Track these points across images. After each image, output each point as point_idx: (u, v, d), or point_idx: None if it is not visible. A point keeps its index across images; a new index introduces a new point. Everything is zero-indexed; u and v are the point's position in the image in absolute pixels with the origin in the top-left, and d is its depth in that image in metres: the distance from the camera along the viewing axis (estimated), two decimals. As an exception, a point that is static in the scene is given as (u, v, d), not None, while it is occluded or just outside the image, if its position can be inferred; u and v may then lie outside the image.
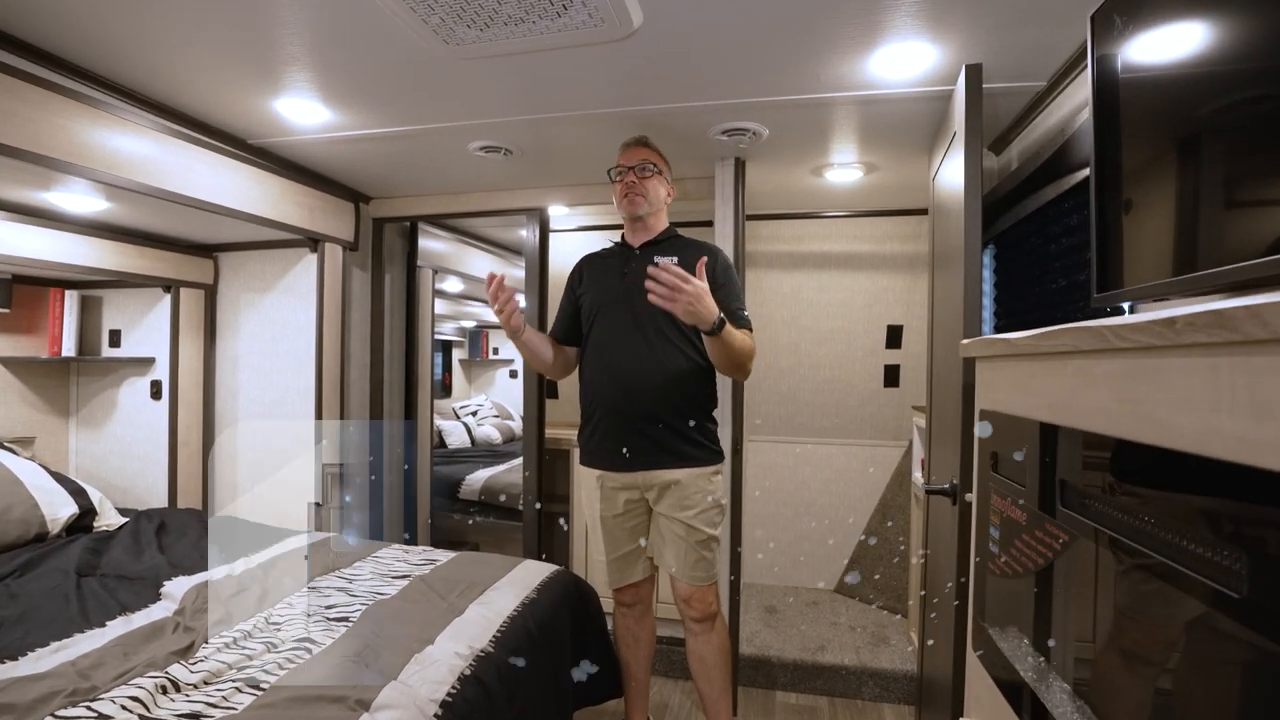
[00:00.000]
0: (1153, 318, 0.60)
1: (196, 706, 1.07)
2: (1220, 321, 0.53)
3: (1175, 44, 0.85)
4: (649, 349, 1.65)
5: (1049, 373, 0.85)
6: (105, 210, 2.08)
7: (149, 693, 1.09)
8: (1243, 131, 0.75)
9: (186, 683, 1.15)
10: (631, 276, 1.67)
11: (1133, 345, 0.65)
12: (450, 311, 4.30)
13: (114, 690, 1.10)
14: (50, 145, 1.51)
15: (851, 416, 3.03)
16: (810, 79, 1.64)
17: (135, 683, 1.13)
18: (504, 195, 2.63)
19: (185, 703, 1.09)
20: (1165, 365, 0.61)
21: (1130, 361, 0.66)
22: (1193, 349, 0.58)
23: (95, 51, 1.53)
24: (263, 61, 1.57)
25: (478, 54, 1.48)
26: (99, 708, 1.04)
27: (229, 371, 2.66)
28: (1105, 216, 1.01)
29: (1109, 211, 1.01)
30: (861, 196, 2.62)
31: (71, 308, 2.52)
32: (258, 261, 2.62)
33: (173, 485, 2.53)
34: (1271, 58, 0.69)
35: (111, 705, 1.05)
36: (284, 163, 2.24)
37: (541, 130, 1.99)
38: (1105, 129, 0.99)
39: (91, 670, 1.16)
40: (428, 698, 1.12)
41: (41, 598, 1.51)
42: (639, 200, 1.68)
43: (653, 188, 1.69)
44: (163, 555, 1.86)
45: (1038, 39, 1.45)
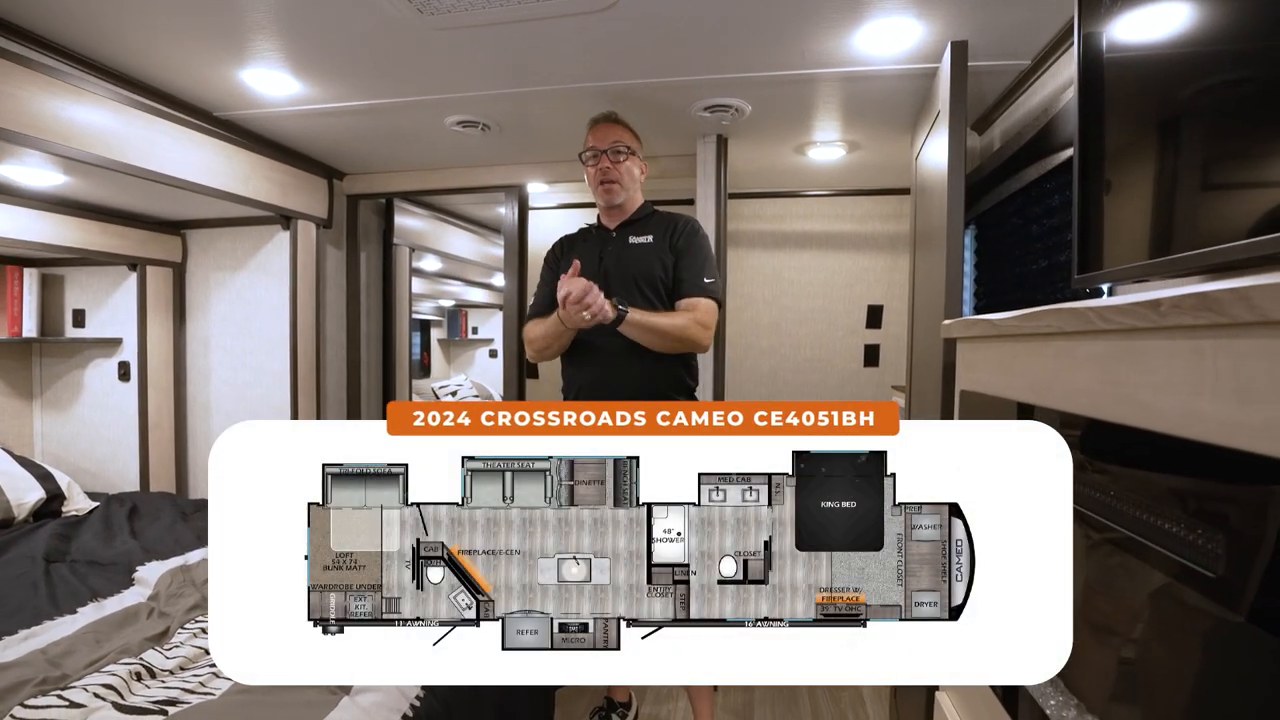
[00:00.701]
0: (1137, 299, 0.60)
1: (173, 693, 1.05)
2: (1206, 304, 0.53)
3: (1160, 24, 0.84)
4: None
5: (1031, 354, 0.86)
6: (63, 185, 1.99)
7: (123, 680, 1.07)
8: (1223, 113, 0.76)
9: (162, 669, 1.13)
10: (609, 260, 1.65)
11: (1116, 327, 0.65)
12: (428, 291, 4.23)
13: (86, 678, 1.07)
14: (0, 115, 1.43)
15: (832, 396, 3.05)
16: (794, 55, 1.61)
17: (108, 670, 1.10)
18: (482, 172, 2.57)
19: (161, 689, 1.07)
20: (1148, 347, 0.61)
21: (1113, 343, 0.66)
22: (1176, 331, 0.58)
23: (47, 17, 1.45)
24: (227, 29, 1.50)
25: (454, 24, 1.43)
26: (71, 696, 1.02)
27: (200, 352, 2.59)
28: (1087, 197, 1.01)
29: (1091, 192, 1.01)
30: (844, 175, 2.61)
31: (31, 286, 2.42)
32: (228, 239, 2.54)
33: (144, 468, 2.47)
34: (1254, 39, 0.69)
35: (84, 694, 1.02)
36: (253, 136, 2.16)
37: (520, 105, 1.95)
38: (1089, 108, 0.99)
39: (62, 658, 1.14)
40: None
41: (8, 585, 1.47)
42: (616, 189, 1.63)
43: (627, 172, 1.64)
44: (135, 540, 1.82)
45: (1023, 16, 1.44)
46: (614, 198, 1.65)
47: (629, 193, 1.67)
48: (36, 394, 2.61)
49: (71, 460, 2.56)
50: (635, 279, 1.62)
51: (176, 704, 1.02)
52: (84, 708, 1.00)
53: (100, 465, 2.55)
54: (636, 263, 1.64)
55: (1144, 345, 0.62)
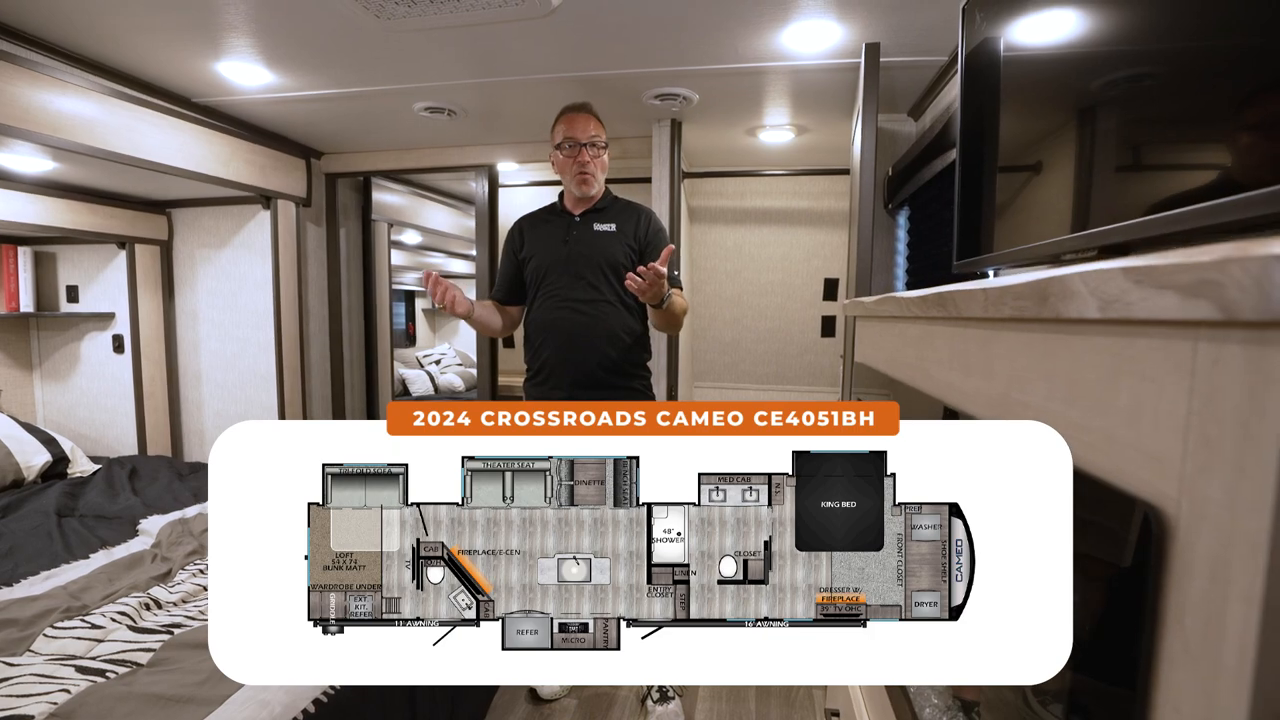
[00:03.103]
0: (926, 293, 0.77)
1: (177, 619, 1.25)
2: (941, 301, 0.71)
3: (1027, 34, 0.95)
4: (590, 309, 1.78)
5: (886, 332, 1.04)
6: (53, 170, 2.12)
7: (135, 609, 1.27)
8: (1107, 108, 0.82)
9: (167, 601, 1.33)
10: (573, 244, 1.78)
11: (917, 315, 0.83)
12: (411, 263, 4.36)
13: (103, 607, 1.27)
14: (-10, 109, 1.56)
15: (791, 365, 3.24)
16: (729, 50, 1.75)
17: (121, 601, 1.30)
18: (454, 152, 2.69)
19: (167, 617, 1.27)
20: (934, 331, 0.79)
21: (921, 326, 0.84)
22: (938, 321, 0.77)
23: (33, 13, 1.56)
24: (202, 25, 1.61)
25: (409, 27, 1.55)
26: (91, 620, 1.21)
27: (189, 325, 2.75)
28: (966, 189, 1.16)
29: (968, 185, 1.16)
30: (795, 156, 2.75)
31: (25, 264, 2.56)
32: (211, 218, 2.67)
33: (141, 434, 2.65)
34: (1090, 45, 0.79)
35: (102, 618, 1.22)
36: (232, 121, 2.28)
37: (485, 93, 2.07)
38: (968, 111, 1.13)
39: (81, 593, 1.33)
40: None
41: (25, 535, 1.66)
42: (592, 181, 1.73)
43: (602, 165, 1.74)
44: (137, 497, 2.00)
45: (932, 20, 1.57)
46: (590, 189, 1.76)
47: (599, 185, 1.78)
48: (36, 365, 2.76)
49: (72, 427, 2.73)
50: (600, 264, 1.76)
51: (181, 627, 1.22)
52: (103, 628, 1.19)
53: (100, 431, 2.72)
54: (602, 249, 1.77)
55: (931, 330, 0.80)
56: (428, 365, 4.56)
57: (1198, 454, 0.30)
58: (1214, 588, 0.29)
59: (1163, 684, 0.32)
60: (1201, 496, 0.29)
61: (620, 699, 2.02)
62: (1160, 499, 0.32)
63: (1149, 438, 0.34)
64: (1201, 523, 0.29)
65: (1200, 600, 0.29)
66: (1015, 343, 0.53)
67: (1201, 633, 0.29)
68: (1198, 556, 0.30)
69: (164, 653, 1.10)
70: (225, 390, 2.73)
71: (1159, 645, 0.32)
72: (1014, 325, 0.53)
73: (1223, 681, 0.28)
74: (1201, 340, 0.30)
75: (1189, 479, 0.30)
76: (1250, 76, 0.56)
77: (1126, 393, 0.36)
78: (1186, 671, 0.30)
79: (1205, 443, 0.29)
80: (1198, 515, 0.30)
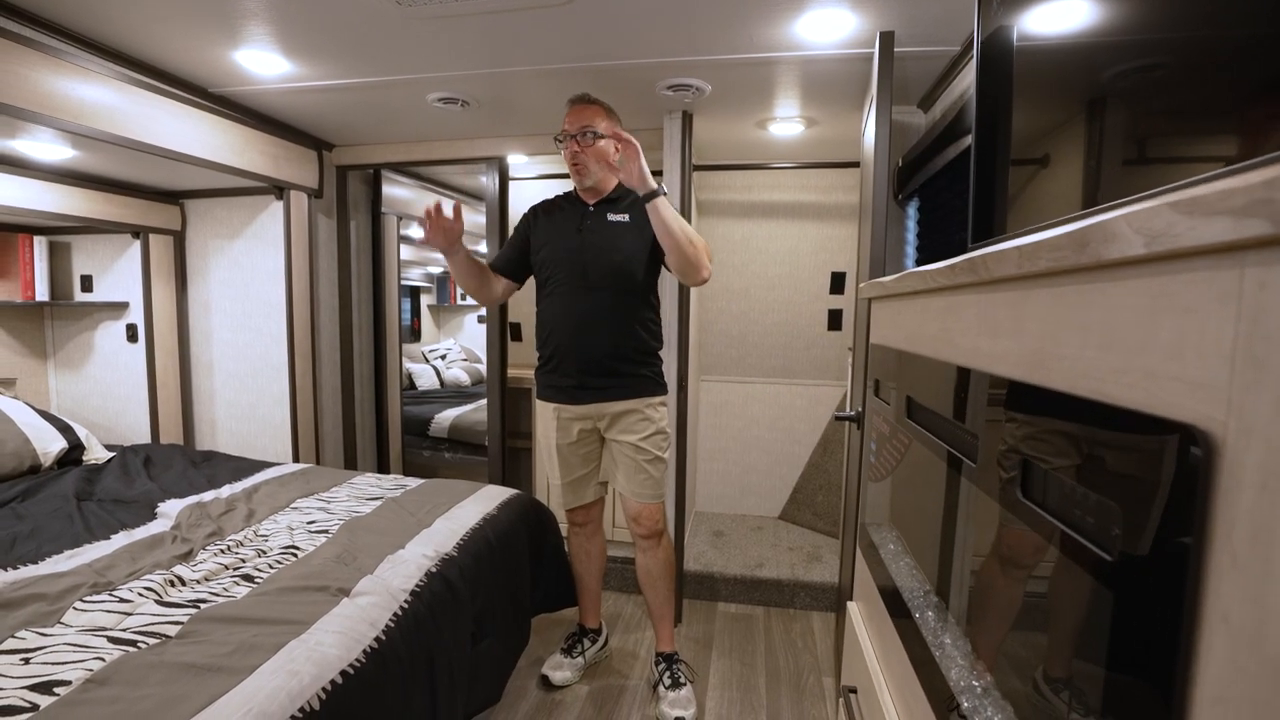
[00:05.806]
0: (954, 261, 0.78)
1: (201, 595, 1.26)
2: (972, 266, 0.73)
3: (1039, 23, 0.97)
4: (602, 299, 1.80)
5: (907, 309, 1.05)
6: (71, 158, 2.14)
7: (160, 585, 1.29)
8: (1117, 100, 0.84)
9: (190, 579, 1.34)
10: (586, 234, 1.80)
11: (943, 285, 0.84)
12: (418, 258, 4.37)
13: (129, 583, 1.29)
14: (13, 95, 1.57)
15: (798, 358, 3.25)
16: (744, 40, 1.76)
17: (146, 578, 1.32)
18: (464, 144, 2.71)
19: (191, 593, 1.28)
20: (960, 301, 0.81)
21: (945, 299, 0.86)
22: (964, 288, 0.78)
23: (55, 1, 1.58)
24: (222, 12, 1.63)
25: (429, 14, 1.57)
26: (119, 594, 1.23)
27: (201, 315, 2.77)
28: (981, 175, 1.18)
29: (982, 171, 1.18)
30: (805, 149, 2.76)
31: (41, 253, 2.58)
32: (224, 208, 2.69)
33: (154, 423, 2.67)
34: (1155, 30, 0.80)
35: (129, 593, 1.24)
36: (246, 111, 2.30)
37: (498, 83, 2.09)
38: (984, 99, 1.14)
39: (106, 570, 1.35)
40: (400, 588, 1.33)
41: (46, 518, 1.68)
42: (585, 171, 1.76)
43: (595, 156, 1.74)
44: (153, 483, 2.02)
45: (946, 9, 1.59)
46: (583, 180, 1.79)
47: (596, 175, 1.78)
48: (50, 354, 2.78)
49: (85, 415, 2.75)
50: (613, 253, 1.78)
51: (205, 603, 1.23)
52: (131, 602, 1.21)
53: (113, 420, 2.74)
54: (616, 238, 1.79)
55: (957, 299, 0.81)
56: (434, 360, 4.58)
57: (1244, 372, 0.31)
58: (1264, 497, 0.30)
59: (1210, 594, 0.33)
60: (1251, 412, 0.31)
61: (631, 687, 2.04)
62: (1206, 422, 0.34)
63: (1193, 366, 0.35)
64: (1249, 438, 0.31)
65: (1249, 512, 0.31)
66: (1047, 298, 0.55)
67: (1250, 543, 0.31)
68: (1247, 470, 0.31)
69: (191, 625, 1.12)
70: (237, 380, 2.75)
71: (1206, 559, 0.33)
72: (1047, 281, 0.55)
73: (1271, 585, 0.29)
74: (1249, 266, 0.31)
75: (1236, 398, 0.32)
76: (1262, 68, 0.57)
77: (1167, 328, 0.38)
78: (1234, 583, 0.32)
79: (1253, 361, 0.31)
80: (1246, 430, 0.31)
